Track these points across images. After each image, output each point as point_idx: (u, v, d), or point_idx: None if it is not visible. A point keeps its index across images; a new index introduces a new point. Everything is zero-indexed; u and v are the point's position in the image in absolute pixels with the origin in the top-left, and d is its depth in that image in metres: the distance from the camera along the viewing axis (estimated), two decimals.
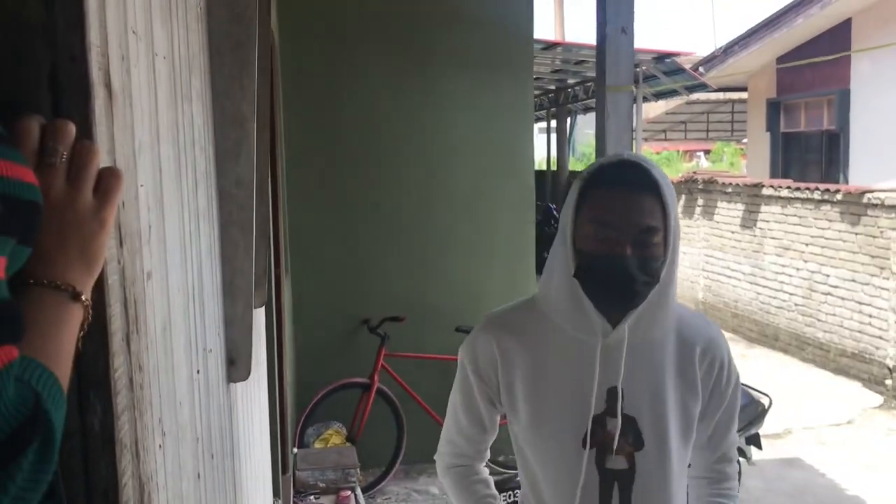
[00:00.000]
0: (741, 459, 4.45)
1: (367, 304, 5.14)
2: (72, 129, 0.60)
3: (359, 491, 4.29)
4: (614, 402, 1.47)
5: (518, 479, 3.88)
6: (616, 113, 2.97)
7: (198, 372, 1.12)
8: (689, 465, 1.69)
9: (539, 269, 6.19)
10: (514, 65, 5.35)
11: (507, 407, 1.55)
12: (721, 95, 15.82)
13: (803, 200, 8.29)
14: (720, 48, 13.85)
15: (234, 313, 1.45)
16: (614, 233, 1.37)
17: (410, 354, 5.10)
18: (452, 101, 5.24)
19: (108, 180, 0.62)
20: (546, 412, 1.49)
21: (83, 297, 0.60)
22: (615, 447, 1.47)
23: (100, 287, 0.66)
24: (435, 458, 1.73)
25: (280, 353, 3.40)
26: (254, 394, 2.13)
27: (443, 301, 5.27)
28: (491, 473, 5.90)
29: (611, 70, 2.99)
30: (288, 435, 3.97)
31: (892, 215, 6.96)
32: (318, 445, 4.75)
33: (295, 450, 4.46)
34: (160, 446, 0.83)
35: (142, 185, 0.81)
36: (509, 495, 3.92)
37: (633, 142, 3.33)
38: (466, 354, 1.57)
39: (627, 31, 2.96)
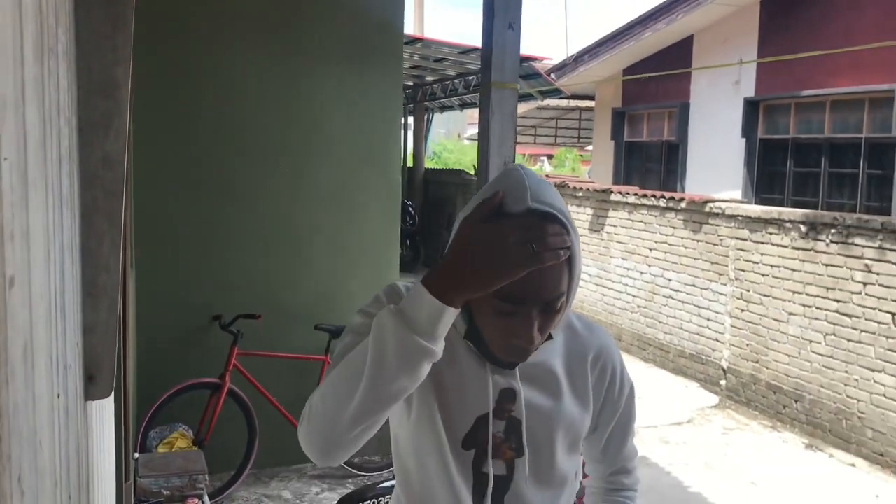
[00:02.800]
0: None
1: (220, 300, 4.82)
2: None
3: (206, 498, 3.99)
4: (505, 403, 1.36)
5: (382, 484, 3.69)
6: (501, 110, 2.88)
7: (58, 396, 0.89)
8: (586, 477, 1.64)
9: (401, 267, 5.95)
10: (383, 56, 5.18)
11: None
12: (569, 102, 16.33)
13: (649, 207, 8.63)
14: (571, 56, 14.29)
15: (97, 318, 1.21)
16: (520, 308, 1.22)
17: (265, 353, 4.82)
18: (320, 90, 5.01)
19: None
20: (432, 403, 1.35)
21: None
22: (496, 451, 1.36)
23: None
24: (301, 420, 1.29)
25: (124, 351, 3.07)
26: (105, 404, 1.86)
27: (302, 297, 5.03)
28: (345, 476, 5.65)
29: (497, 66, 2.89)
30: (129, 439, 3.63)
31: (732, 224, 7.36)
32: (161, 450, 4.39)
33: (136, 455, 4.10)
34: None
35: (6, 159, 0.59)
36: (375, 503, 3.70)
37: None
38: (386, 293, 1.34)
39: (514, 27, 2.88)
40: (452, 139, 32.99)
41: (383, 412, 1.17)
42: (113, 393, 2.59)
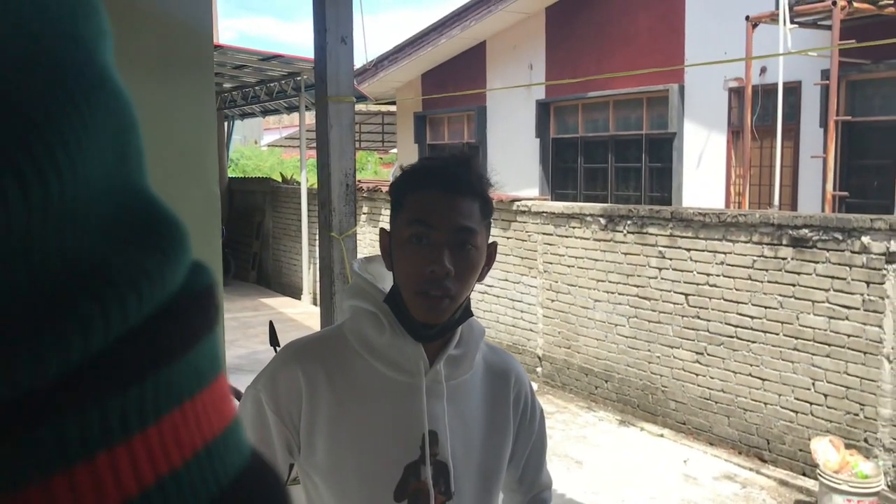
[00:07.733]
0: None
1: None
2: None
3: None
4: (430, 447, 1.33)
5: None
6: (339, 124, 2.90)
7: None
8: None
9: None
10: (192, 59, 4.99)
11: (304, 451, 1.33)
12: (369, 107, 16.50)
13: None
14: (371, 62, 14.46)
15: None
16: (429, 231, 1.31)
17: None
18: None
19: None
20: (352, 459, 1.30)
21: None
22: (431, 498, 1.32)
23: None
24: None
25: None
26: None
27: None
28: None
29: (332, 81, 2.91)
30: None
31: (538, 221, 7.80)
32: None
33: None
34: None
35: None
36: None
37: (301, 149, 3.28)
38: (265, 390, 1.32)
39: (347, 41, 2.91)
40: (250, 146, 32.25)
41: None
42: None
